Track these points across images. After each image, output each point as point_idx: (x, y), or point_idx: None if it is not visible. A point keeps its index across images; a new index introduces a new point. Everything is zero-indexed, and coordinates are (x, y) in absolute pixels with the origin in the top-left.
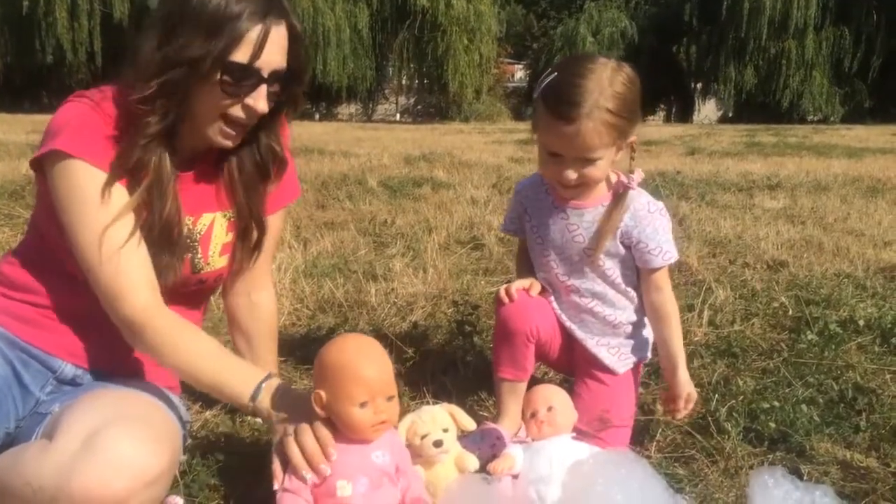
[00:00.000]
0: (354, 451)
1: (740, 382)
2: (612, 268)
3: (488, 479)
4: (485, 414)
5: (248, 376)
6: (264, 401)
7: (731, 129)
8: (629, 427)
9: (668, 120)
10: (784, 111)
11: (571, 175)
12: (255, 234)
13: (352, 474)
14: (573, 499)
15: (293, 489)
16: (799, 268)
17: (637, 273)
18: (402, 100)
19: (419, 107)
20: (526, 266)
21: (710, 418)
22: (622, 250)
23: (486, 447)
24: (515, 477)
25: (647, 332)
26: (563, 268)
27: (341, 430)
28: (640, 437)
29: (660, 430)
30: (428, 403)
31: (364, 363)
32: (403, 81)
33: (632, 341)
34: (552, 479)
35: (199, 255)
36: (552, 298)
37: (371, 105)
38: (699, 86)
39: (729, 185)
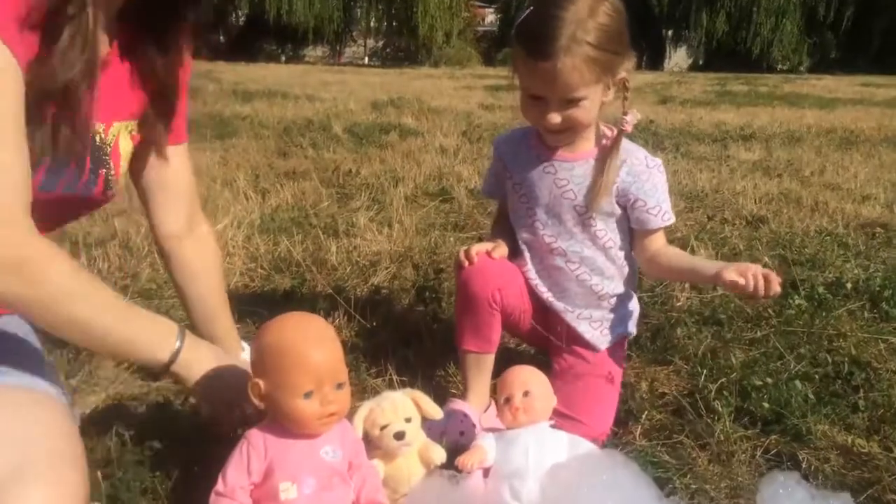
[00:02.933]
0: (299, 447)
1: (729, 355)
2: (604, 229)
3: (456, 476)
4: (453, 391)
5: (163, 330)
6: (186, 365)
7: (702, 77)
8: (612, 409)
9: (638, 67)
10: (754, 59)
11: (555, 119)
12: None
13: (296, 474)
14: None
15: (227, 492)
16: (779, 224)
17: (630, 238)
18: (371, 42)
19: (388, 50)
20: (502, 233)
21: (697, 396)
22: (617, 210)
23: (452, 429)
24: (487, 471)
25: (633, 305)
26: (550, 228)
27: (284, 424)
28: (624, 420)
29: (645, 412)
30: (391, 378)
31: (309, 347)
32: (372, 24)
33: (616, 315)
34: (528, 473)
35: (112, 171)
36: (529, 266)
37: (339, 47)
38: (670, 33)
39: (703, 136)
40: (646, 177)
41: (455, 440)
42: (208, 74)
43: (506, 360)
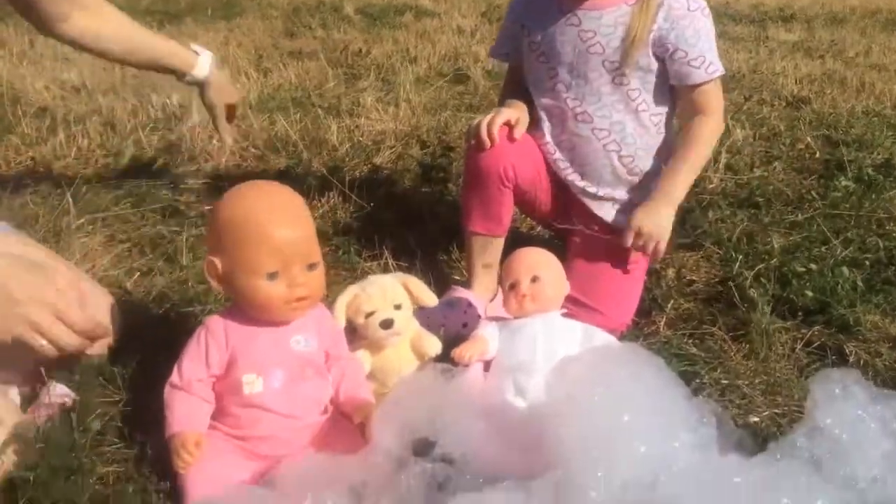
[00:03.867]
0: (266, 336)
1: (767, 240)
2: (637, 89)
3: (452, 369)
4: (456, 277)
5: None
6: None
7: None
8: (635, 298)
9: None
10: None
11: None
12: None
13: (262, 366)
14: (558, 410)
15: (183, 385)
16: (823, 105)
17: (671, 99)
18: None
19: None
20: (513, 97)
21: (731, 284)
22: (654, 64)
23: (454, 318)
24: (488, 365)
25: None
26: (575, 90)
27: (246, 309)
28: (648, 310)
29: (671, 300)
30: (386, 262)
31: (273, 219)
32: None
33: (644, 196)
34: (535, 367)
35: None
36: (548, 138)
37: None
38: None
39: (740, 17)
40: (686, 22)
41: (456, 332)
42: None
43: (516, 246)
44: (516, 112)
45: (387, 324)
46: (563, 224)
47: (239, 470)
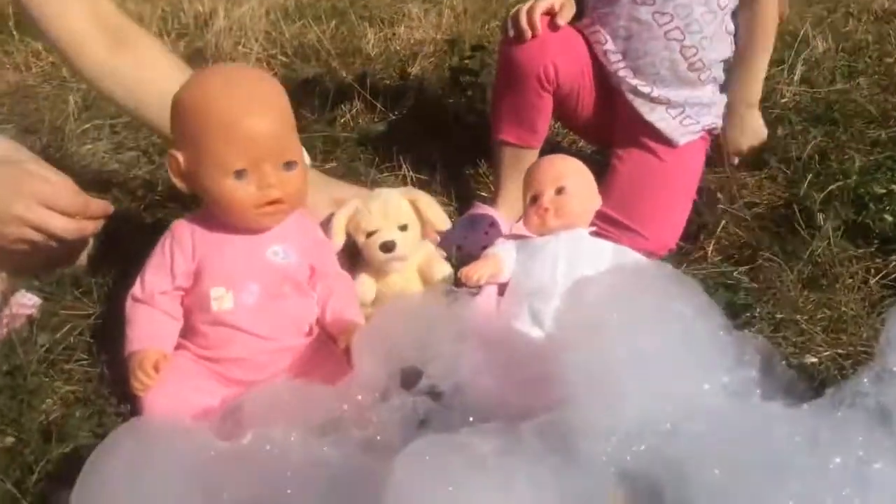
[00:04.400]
0: (237, 245)
1: (843, 158)
2: None
3: (456, 291)
4: (483, 193)
5: None
6: None
7: None
8: (681, 219)
9: None
10: None
11: None
12: None
13: (233, 279)
14: (567, 338)
15: (145, 298)
16: None
17: None
18: None
19: None
20: None
21: (796, 208)
22: None
23: (474, 239)
24: (503, 289)
25: (724, 84)
26: None
27: (213, 211)
28: (695, 234)
29: (722, 224)
30: (405, 176)
31: (240, 106)
32: None
33: (704, 98)
34: (555, 291)
35: None
36: (597, 26)
37: None
38: None
39: None
40: None
41: (475, 253)
42: None
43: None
44: None
45: (388, 246)
46: (606, 135)
47: (206, 395)
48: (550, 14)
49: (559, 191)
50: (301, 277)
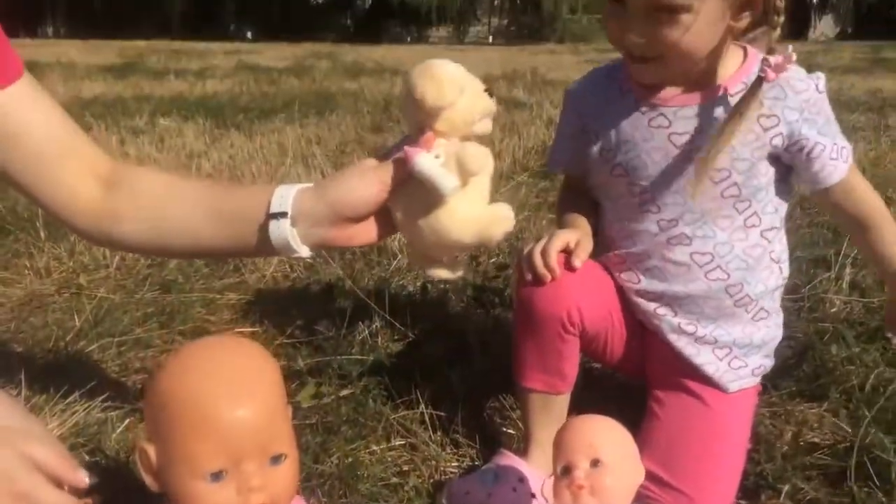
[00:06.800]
0: None
1: None
2: (747, 199)
3: None
4: (511, 431)
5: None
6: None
7: (851, 45)
8: (735, 475)
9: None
10: None
11: (635, 39)
12: None
13: None
14: None
15: None
16: None
17: (786, 203)
18: (495, 21)
19: (512, 28)
20: (574, 210)
21: (865, 456)
22: (770, 170)
23: (501, 495)
24: None
25: (779, 320)
26: (670, 209)
27: None
28: (753, 490)
29: (788, 479)
30: (422, 413)
31: (219, 396)
32: (496, 1)
33: (756, 336)
34: None
35: None
36: (629, 266)
37: (462, 27)
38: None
39: (856, 104)
40: (819, 107)
41: None
42: (329, 55)
43: (584, 398)
44: (576, 234)
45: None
46: (643, 370)
47: None
48: (567, 251)
49: (594, 463)
50: None
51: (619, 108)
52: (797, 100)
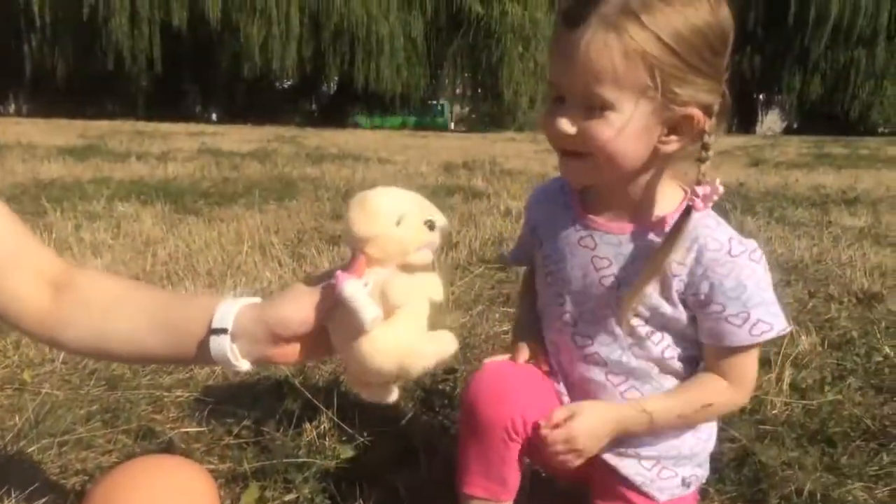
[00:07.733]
0: None
1: (845, 494)
2: (660, 335)
3: None
4: None
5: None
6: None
7: (796, 140)
8: None
9: (728, 131)
10: (852, 123)
11: (566, 127)
12: None
13: None
14: None
15: None
16: None
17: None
18: (457, 109)
19: (473, 116)
20: (531, 311)
21: None
22: (682, 314)
23: None
24: None
25: (711, 431)
26: (584, 326)
27: None
28: None
29: None
30: None
31: None
32: (457, 90)
33: (682, 447)
34: None
35: None
36: (557, 379)
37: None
38: (761, 96)
39: (800, 199)
40: (727, 269)
41: None
42: (292, 140)
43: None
44: (524, 352)
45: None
46: (584, 480)
47: None
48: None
49: None
50: None
51: (561, 221)
52: (705, 257)
